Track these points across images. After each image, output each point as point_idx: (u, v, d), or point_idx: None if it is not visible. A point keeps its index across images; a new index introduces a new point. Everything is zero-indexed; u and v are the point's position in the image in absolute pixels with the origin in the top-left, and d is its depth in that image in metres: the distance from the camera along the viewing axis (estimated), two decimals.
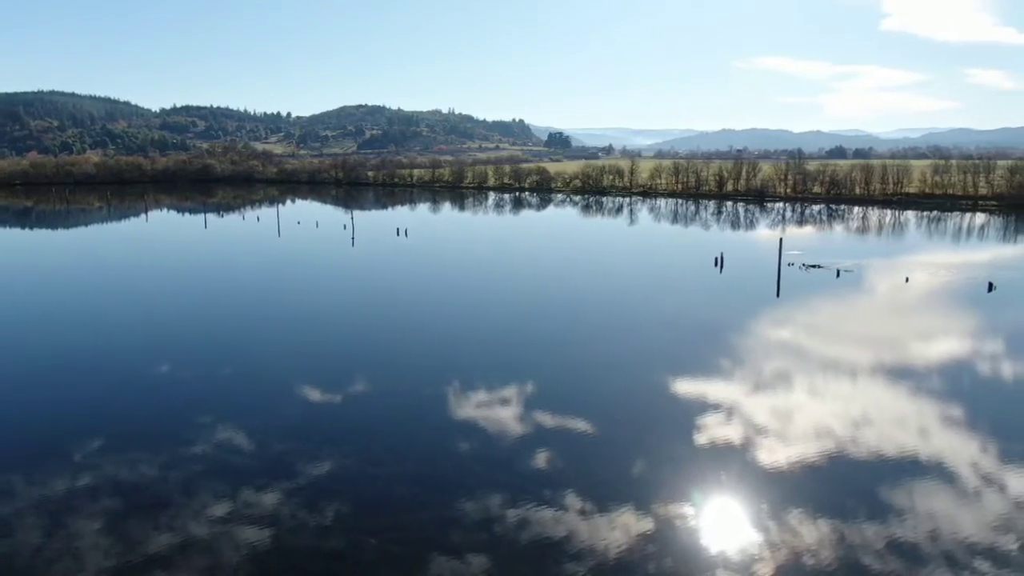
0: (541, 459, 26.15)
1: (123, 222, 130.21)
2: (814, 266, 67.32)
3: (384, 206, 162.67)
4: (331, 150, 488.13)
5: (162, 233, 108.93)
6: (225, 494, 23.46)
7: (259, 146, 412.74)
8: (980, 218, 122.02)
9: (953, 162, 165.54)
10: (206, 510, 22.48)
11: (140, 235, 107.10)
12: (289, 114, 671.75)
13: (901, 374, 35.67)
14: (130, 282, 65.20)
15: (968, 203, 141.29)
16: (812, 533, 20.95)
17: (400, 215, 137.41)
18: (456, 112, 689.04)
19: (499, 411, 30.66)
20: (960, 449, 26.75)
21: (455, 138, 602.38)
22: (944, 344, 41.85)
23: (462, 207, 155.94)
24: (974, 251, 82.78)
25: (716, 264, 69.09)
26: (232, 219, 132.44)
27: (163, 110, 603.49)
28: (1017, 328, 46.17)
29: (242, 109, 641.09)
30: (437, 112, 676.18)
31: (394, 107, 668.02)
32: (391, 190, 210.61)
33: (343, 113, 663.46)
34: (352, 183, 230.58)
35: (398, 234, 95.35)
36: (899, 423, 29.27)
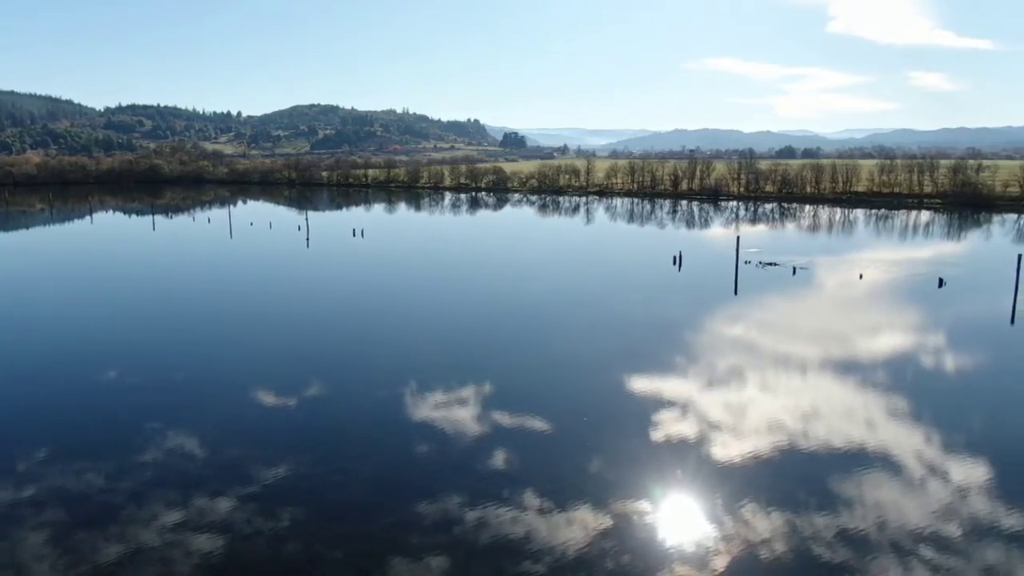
0: (500, 459, 26.19)
1: (67, 224, 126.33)
2: (771, 264, 68.71)
3: (339, 207, 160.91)
4: (283, 150, 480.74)
5: (108, 235, 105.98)
6: (177, 502, 22.96)
7: (209, 146, 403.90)
8: (925, 216, 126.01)
9: (899, 162, 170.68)
10: (157, 519, 21.97)
11: (85, 237, 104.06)
12: (240, 113, 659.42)
13: (852, 368, 36.64)
14: (75, 286, 63.35)
15: (914, 201, 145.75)
16: (765, 525, 21.40)
17: (356, 215, 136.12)
18: (411, 112, 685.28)
19: (457, 412, 30.61)
20: (905, 440, 27.60)
21: (410, 138, 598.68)
22: (896, 338, 43.09)
23: (418, 207, 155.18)
24: (922, 247, 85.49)
25: (675, 262, 70.03)
26: (182, 220, 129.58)
27: (108, 109, 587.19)
28: (965, 322, 47.77)
29: (191, 108, 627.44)
30: (391, 112, 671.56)
31: (348, 107, 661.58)
32: (346, 190, 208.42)
33: (295, 113, 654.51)
34: (306, 183, 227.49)
35: (354, 235, 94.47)
36: (848, 416, 30.06)
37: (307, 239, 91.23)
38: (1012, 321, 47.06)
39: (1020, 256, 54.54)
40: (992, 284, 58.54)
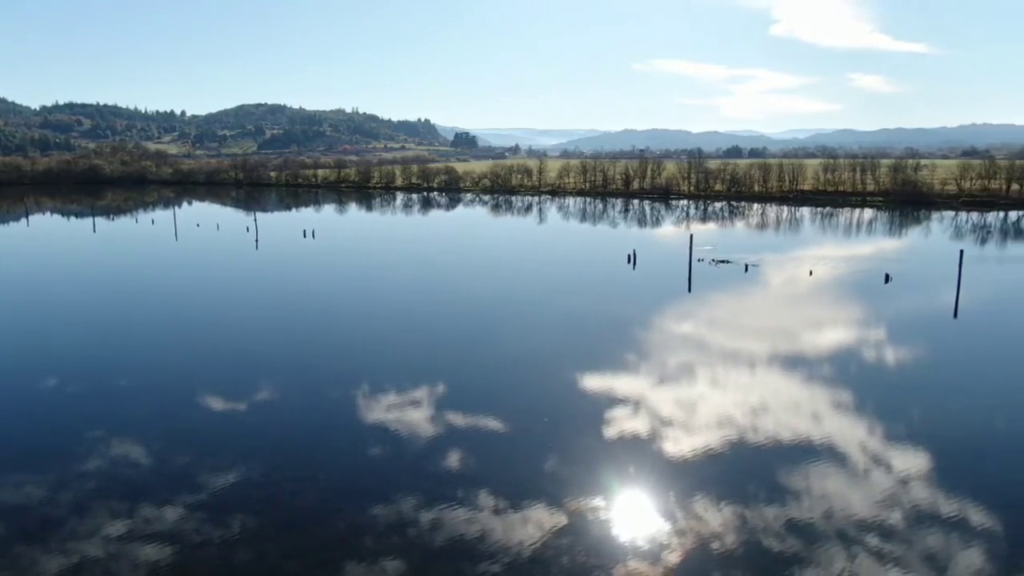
0: (454, 459, 26.11)
1: (0, 227, 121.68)
2: (723, 261, 69.97)
3: (288, 207, 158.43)
4: (230, 150, 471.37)
5: (46, 238, 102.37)
6: (122, 512, 22.31)
7: (152, 146, 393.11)
8: (869, 213, 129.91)
9: (842, 161, 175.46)
10: (101, 530, 21.32)
11: (20, 240, 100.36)
12: (184, 113, 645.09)
13: (800, 363, 37.53)
14: (9, 291, 61.06)
15: (857, 199, 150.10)
16: (716, 518, 21.77)
17: (306, 216, 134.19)
18: (360, 112, 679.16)
19: (411, 413, 30.41)
20: (850, 431, 28.37)
21: (360, 138, 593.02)
22: (844, 333, 44.26)
23: (370, 207, 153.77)
24: (867, 244, 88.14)
25: (629, 261, 70.78)
26: (124, 222, 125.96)
27: (44, 108, 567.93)
28: (910, 316, 49.36)
29: (132, 107, 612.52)
30: (341, 111, 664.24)
31: (296, 106, 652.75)
32: (295, 191, 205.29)
33: (242, 112, 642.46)
34: (253, 184, 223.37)
35: (305, 236, 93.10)
36: (796, 409, 30.79)
37: (256, 240, 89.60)
38: (955, 315, 48.80)
39: (961, 252, 56.87)
40: (935, 279, 60.58)
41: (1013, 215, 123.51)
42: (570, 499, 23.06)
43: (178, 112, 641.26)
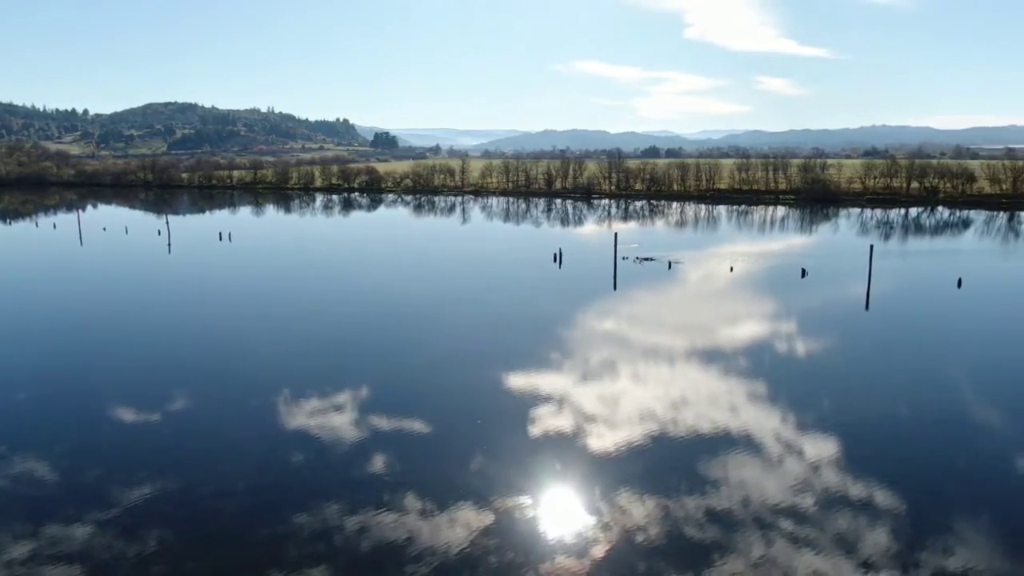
0: (379, 463, 25.80)
1: None
2: (647, 259, 71.45)
3: (202, 210, 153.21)
4: (138, 150, 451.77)
5: None
6: (26, 533, 21.11)
7: (52, 146, 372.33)
8: (782, 211, 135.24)
9: (755, 161, 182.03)
10: (3, 553, 20.10)
11: None
12: (87, 112, 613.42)
13: (719, 356, 38.70)
14: None
15: (771, 197, 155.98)
16: (640, 511, 22.24)
17: (221, 219, 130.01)
18: (276, 111, 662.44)
19: (334, 418, 29.89)
20: (765, 421, 29.45)
21: (276, 138, 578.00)
22: (763, 326, 45.90)
23: (288, 209, 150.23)
24: (783, 240, 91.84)
25: (555, 260, 71.43)
26: (23, 226, 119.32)
27: None
28: (825, 309, 51.66)
29: (29, 105, 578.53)
30: (256, 111, 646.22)
31: (208, 105, 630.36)
32: (209, 192, 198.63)
33: (150, 111, 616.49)
34: (164, 185, 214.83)
35: (221, 238, 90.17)
36: (714, 402, 31.74)
37: (168, 244, 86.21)
38: (867, 307, 51.29)
39: (872, 247, 60.08)
40: (848, 273, 63.47)
41: (913, 212, 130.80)
42: (497, 498, 23.13)
43: (80, 111, 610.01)
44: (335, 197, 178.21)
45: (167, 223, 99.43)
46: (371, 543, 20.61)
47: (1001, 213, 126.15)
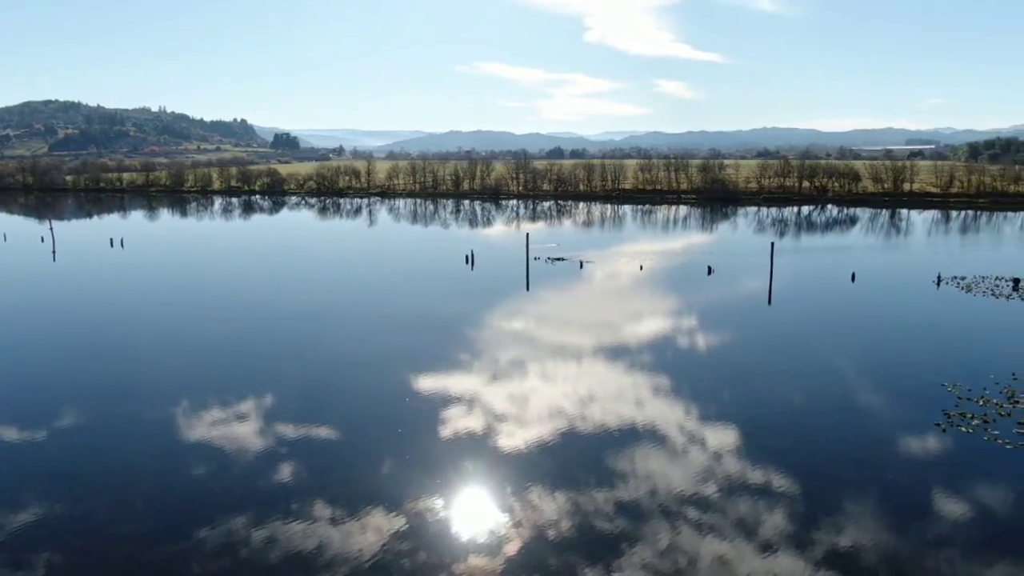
0: (286, 472, 25.15)
1: None
2: (559, 259, 72.37)
3: (90, 214, 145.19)
4: (15, 151, 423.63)
5: None
6: None
7: None
8: (684, 210, 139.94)
9: (657, 161, 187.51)
10: None
11: None
12: None
13: (626, 352, 39.67)
14: None
15: (673, 197, 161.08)
16: (551, 507, 22.56)
17: (111, 224, 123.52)
18: (169, 111, 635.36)
19: (236, 428, 28.92)
20: (669, 414, 30.42)
21: (169, 139, 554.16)
22: (671, 322, 47.31)
23: (184, 213, 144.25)
24: (688, 238, 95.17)
25: (467, 261, 71.33)
26: None
27: None
28: (730, 305, 53.69)
29: None
30: (146, 110, 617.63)
31: (93, 104, 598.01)
32: (97, 196, 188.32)
33: (28, 109, 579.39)
34: (46, 189, 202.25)
35: (112, 245, 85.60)
36: (620, 397, 32.52)
37: (53, 252, 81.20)
38: (769, 302, 53.66)
39: (772, 244, 63.10)
40: (750, 269, 66.23)
41: (805, 209, 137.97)
42: (409, 501, 22.96)
43: None
44: (235, 200, 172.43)
45: (51, 229, 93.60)
46: (279, 554, 20.06)
47: (884, 211, 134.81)
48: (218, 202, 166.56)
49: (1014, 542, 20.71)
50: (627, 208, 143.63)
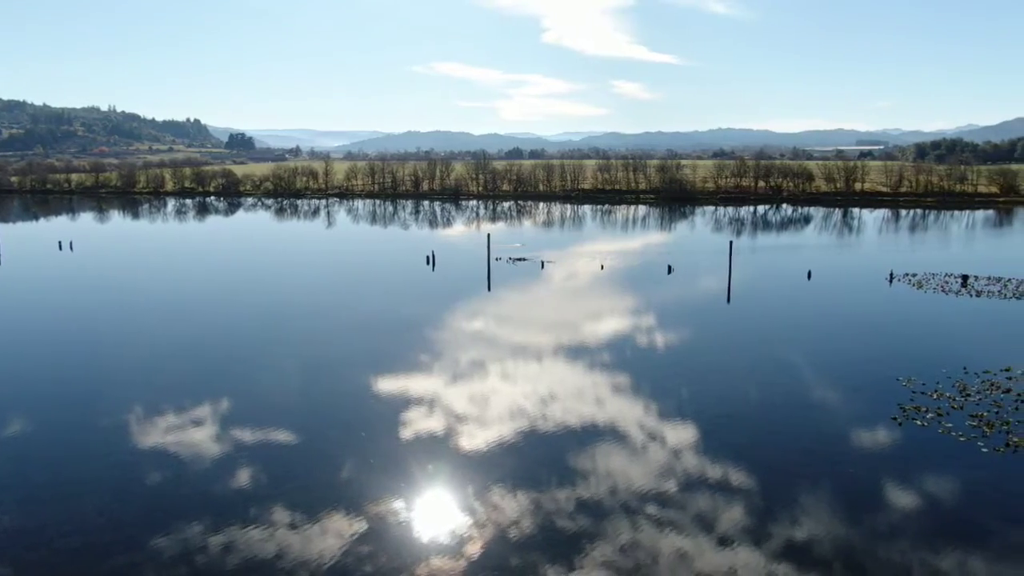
0: (244, 477, 24.74)
1: None
2: (520, 259, 72.41)
3: (36, 217, 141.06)
4: None
5: None
6: None
7: None
8: (643, 209, 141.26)
9: (617, 161, 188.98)
10: None
11: None
12: None
13: (586, 352, 39.88)
14: None
15: (632, 196, 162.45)
16: (513, 507, 22.58)
17: (60, 226, 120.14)
18: (119, 110, 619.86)
19: (192, 434, 28.35)
20: (628, 412, 30.68)
21: (119, 139, 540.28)
22: (631, 321, 47.67)
23: (136, 215, 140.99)
24: (647, 238, 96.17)
25: (428, 262, 70.93)
26: None
27: None
28: (690, 303, 54.37)
29: None
30: (95, 110, 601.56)
31: (39, 103, 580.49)
32: (44, 198, 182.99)
33: None
34: None
35: (61, 248, 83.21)
36: (580, 396, 32.70)
37: None
38: (728, 300, 54.41)
39: (731, 243, 64.10)
40: (710, 268, 67.17)
41: (761, 209, 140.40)
42: (370, 504, 22.77)
43: None
44: (189, 201, 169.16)
45: None
46: (238, 560, 19.73)
47: (837, 210, 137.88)
48: (171, 204, 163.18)
49: (965, 530, 21.36)
50: (587, 208, 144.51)
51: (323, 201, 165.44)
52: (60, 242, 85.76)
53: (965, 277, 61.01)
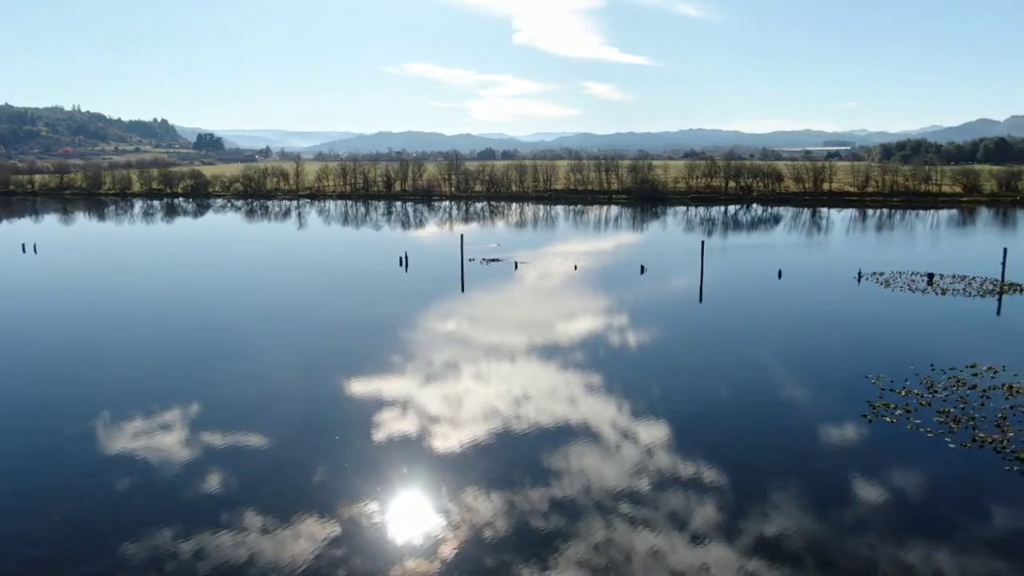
0: (214, 482, 24.43)
1: None
2: (494, 260, 72.32)
3: None
4: None
5: None
6: None
7: None
8: (615, 210, 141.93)
9: (589, 162, 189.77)
10: None
11: None
12: None
13: (559, 352, 39.96)
14: None
15: (604, 197, 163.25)
16: (487, 507, 22.57)
17: (23, 228, 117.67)
18: (83, 110, 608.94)
19: (161, 438, 27.93)
20: (601, 411, 30.81)
21: (84, 139, 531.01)
22: (604, 321, 47.82)
23: (102, 217, 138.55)
24: (619, 238, 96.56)
25: (401, 263, 70.56)
26: None
27: None
28: (662, 303, 54.70)
29: None
30: (59, 109, 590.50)
31: (0, 102, 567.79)
32: (6, 199, 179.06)
33: None
34: None
35: (24, 250, 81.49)
36: (554, 395, 32.78)
37: None
38: (700, 300, 54.85)
39: (703, 243, 64.69)
40: (682, 268, 67.66)
41: (732, 208, 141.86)
42: (344, 507, 22.61)
43: None
44: (156, 202, 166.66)
45: None
46: (209, 566, 19.47)
47: (806, 209, 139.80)
48: (139, 205, 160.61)
49: (932, 524, 21.76)
50: (559, 208, 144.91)
51: (294, 202, 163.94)
52: (23, 244, 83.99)
53: (931, 275, 62.19)
